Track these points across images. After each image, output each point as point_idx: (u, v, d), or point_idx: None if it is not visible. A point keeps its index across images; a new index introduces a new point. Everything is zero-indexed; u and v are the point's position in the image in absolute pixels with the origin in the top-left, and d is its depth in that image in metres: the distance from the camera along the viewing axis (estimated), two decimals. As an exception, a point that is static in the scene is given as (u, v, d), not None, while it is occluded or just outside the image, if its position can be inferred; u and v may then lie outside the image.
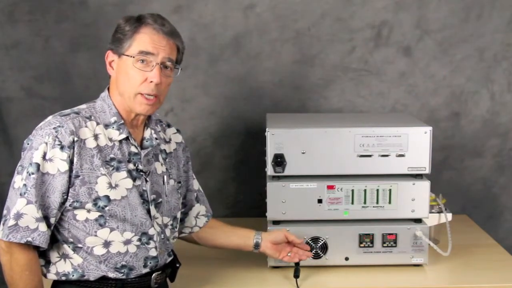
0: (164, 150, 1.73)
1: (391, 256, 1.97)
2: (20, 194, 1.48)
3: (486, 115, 2.55)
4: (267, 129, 1.93)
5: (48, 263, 1.58)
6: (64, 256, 1.56)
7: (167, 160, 1.73)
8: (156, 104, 1.60)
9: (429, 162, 1.93)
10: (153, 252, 1.63)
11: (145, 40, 1.56)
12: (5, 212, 1.51)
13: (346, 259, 1.97)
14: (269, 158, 1.93)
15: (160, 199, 1.66)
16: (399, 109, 2.53)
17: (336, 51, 2.48)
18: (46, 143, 1.49)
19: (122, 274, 1.59)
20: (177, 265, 1.75)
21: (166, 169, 1.71)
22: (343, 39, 2.47)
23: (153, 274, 1.65)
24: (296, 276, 1.87)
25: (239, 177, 2.56)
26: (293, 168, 1.93)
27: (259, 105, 2.50)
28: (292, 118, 2.19)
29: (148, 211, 1.62)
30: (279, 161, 1.92)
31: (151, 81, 1.55)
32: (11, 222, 1.47)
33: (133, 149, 1.61)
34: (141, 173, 1.61)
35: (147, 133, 1.67)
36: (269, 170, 1.94)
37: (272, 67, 2.48)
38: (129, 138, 1.60)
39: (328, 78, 2.50)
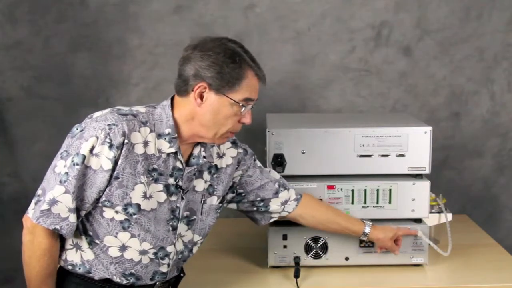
0: (215, 165, 1.70)
1: (391, 256, 1.96)
2: (60, 182, 1.47)
3: (486, 115, 2.55)
4: (267, 129, 1.93)
5: (60, 247, 1.57)
6: (77, 247, 1.56)
7: (215, 175, 1.70)
8: None
9: (429, 162, 1.93)
10: (164, 268, 1.63)
11: (251, 87, 1.55)
12: (39, 192, 1.50)
13: (346, 259, 1.97)
14: (269, 158, 1.93)
15: (194, 217, 1.65)
16: (399, 109, 2.53)
17: (336, 51, 2.48)
18: (97, 138, 1.47)
19: (127, 282, 1.59)
20: (181, 274, 1.75)
21: (211, 185, 1.69)
22: (343, 39, 2.47)
23: (157, 283, 1.65)
24: (296, 276, 1.86)
25: (239, 177, 2.55)
26: (293, 168, 1.93)
27: (259, 105, 2.48)
28: (292, 118, 2.19)
29: (174, 228, 1.61)
30: (279, 161, 1.92)
31: (243, 123, 1.59)
32: (45, 206, 1.46)
33: (178, 164, 1.58)
34: (179, 189, 1.60)
35: (196, 150, 1.63)
36: (269, 170, 1.94)
37: (272, 67, 2.48)
38: (178, 153, 1.57)
39: (328, 78, 2.50)
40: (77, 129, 1.52)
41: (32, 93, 2.47)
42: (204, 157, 1.64)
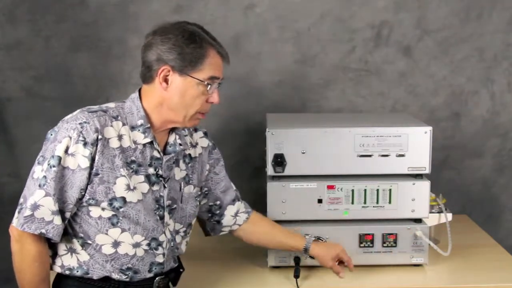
0: (189, 154, 1.72)
1: (391, 256, 1.97)
2: (39, 186, 1.47)
3: (486, 115, 2.55)
4: (267, 129, 1.93)
5: (54, 255, 1.58)
6: (72, 251, 1.56)
7: (190, 165, 1.72)
8: None
9: (429, 162, 1.93)
10: (160, 259, 1.63)
11: (214, 65, 1.56)
12: (21, 200, 1.51)
13: (346, 259, 1.97)
14: (269, 158, 1.93)
15: (175, 205, 1.66)
16: (399, 109, 2.53)
17: (336, 51, 2.48)
18: (70, 137, 1.48)
19: (126, 277, 1.59)
20: (181, 270, 1.75)
21: (187, 174, 1.70)
22: (343, 39, 2.47)
23: (156, 278, 1.65)
24: (296, 276, 1.87)
25: (239, 177, 2.55)
26: (293, 168, 1.93)
27: (259, 105, 2.50)
28: (292, 118, 2.19)
29: (162, 217, 1.62)
30: (279, 161, 1.92)
31: (212, 102, 1.59)
32: (27, 212, 1.47)
33: (155, 153, 1.60)
34: (161, 178, 1.61)
35: (172, 138, 1.65)
36: (269, 170, 1.94)
37: (272, 67, 2.48)
38: (154, 142, 1.59)
39: (328, 78, 2.50)
40: (51, 134, 1.53)
41: (32, 93, 2.47)
42: (180, 144, 1.66)
